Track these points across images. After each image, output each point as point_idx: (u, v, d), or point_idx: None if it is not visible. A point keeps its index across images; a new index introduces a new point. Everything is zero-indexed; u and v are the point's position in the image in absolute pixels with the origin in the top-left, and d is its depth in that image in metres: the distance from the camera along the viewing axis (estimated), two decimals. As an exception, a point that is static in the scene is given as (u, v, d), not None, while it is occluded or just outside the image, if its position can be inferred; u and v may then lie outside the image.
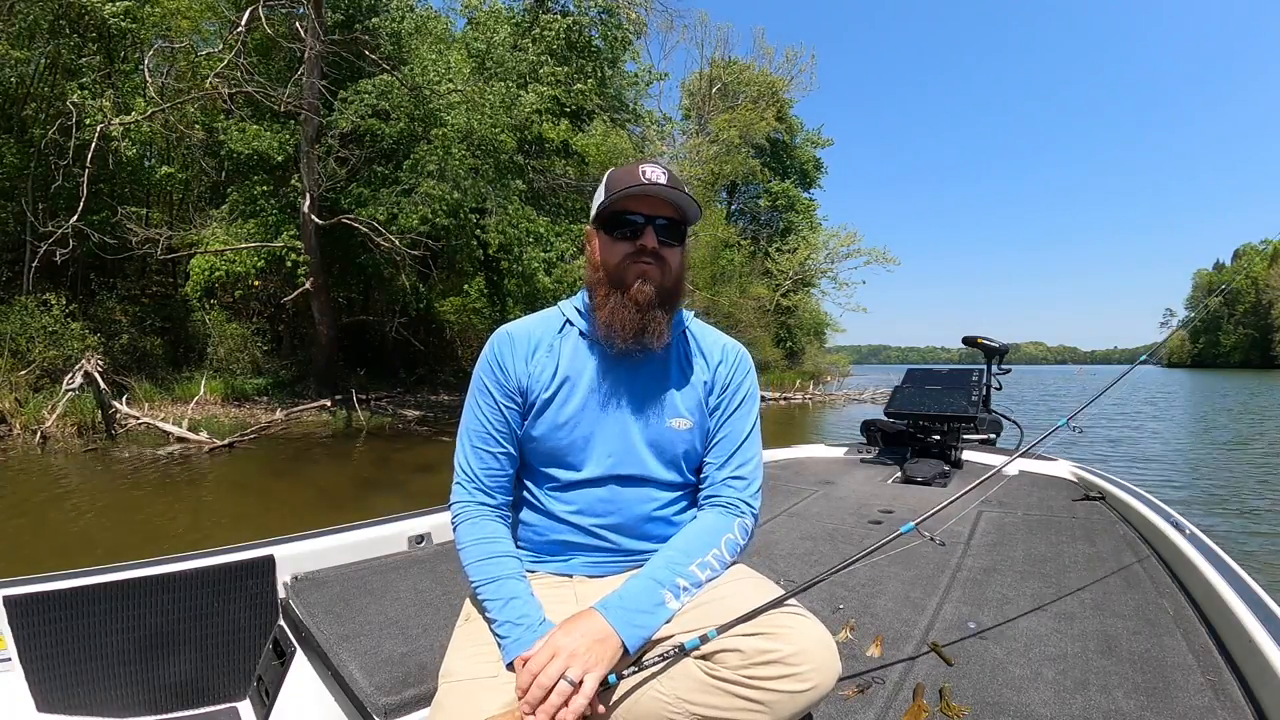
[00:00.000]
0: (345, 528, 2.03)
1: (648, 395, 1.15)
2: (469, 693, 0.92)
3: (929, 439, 3.73)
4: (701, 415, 1.19)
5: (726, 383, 1.22)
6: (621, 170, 1.14)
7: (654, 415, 1.15)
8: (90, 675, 1.52)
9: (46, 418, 9.77)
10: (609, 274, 1.13)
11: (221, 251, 11.70)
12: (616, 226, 1.12)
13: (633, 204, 1.11)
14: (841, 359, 46.33)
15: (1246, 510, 6.51)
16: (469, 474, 1.15)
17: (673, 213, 1.12)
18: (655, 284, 1.11)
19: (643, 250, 1.11)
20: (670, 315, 1.15)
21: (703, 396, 1.20)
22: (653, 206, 1.11)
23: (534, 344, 1.17)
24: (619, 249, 1.12)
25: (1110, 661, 1.36)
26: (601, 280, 1.14)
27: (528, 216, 12.88)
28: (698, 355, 1.22)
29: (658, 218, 1.11)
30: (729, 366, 1.23)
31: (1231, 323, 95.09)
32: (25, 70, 12.44)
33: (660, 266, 1.12)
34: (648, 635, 0.97)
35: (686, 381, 1.19)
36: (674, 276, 1.14)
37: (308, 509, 6.55)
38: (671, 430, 1.15)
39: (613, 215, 1.12)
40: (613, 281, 1.12)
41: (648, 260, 1.11)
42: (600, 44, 15.96)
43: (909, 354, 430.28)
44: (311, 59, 11.54)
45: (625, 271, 1.11)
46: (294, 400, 13.01)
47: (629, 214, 1.11)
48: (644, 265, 1.11)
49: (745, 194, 36.04)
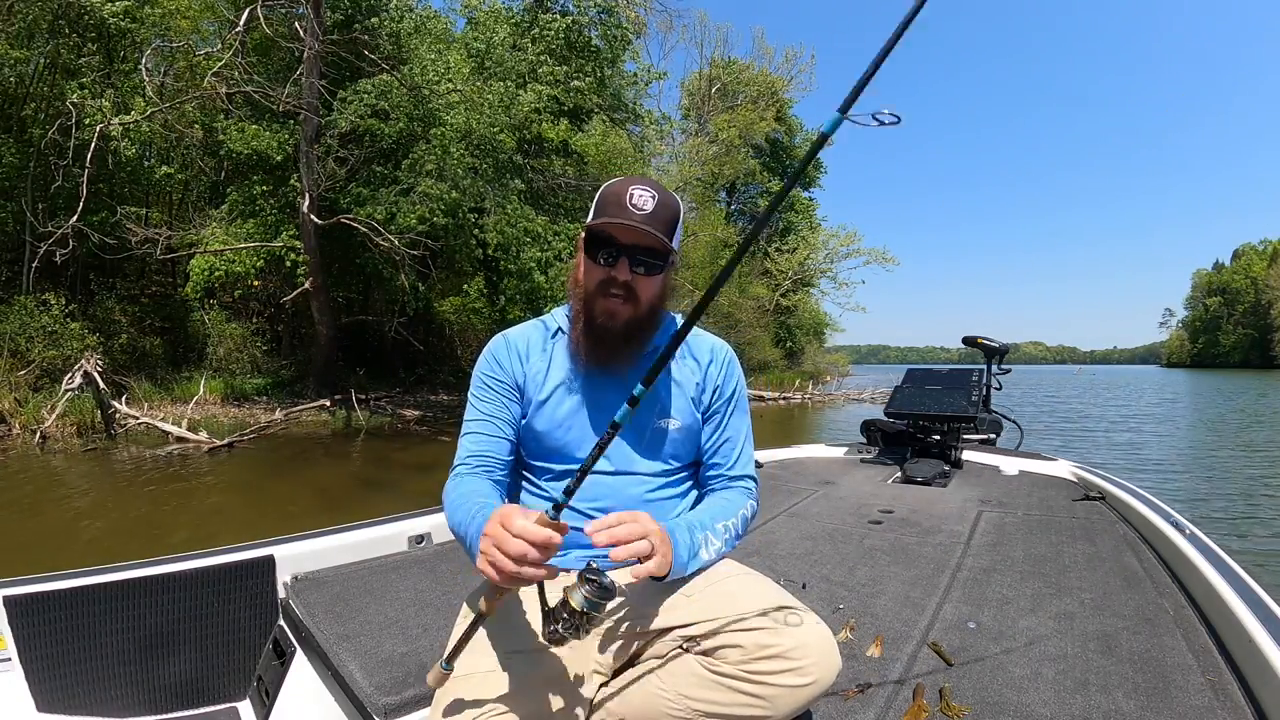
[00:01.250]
0: (345, 528, 2.03)
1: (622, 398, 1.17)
2: (469, 689, 0.93)
3: (929, 439, 3.73)
4: (691, 415, 1.21)
5: (719, 384, 1.24)
6: (612, 188, 1.12)
7: (643, 416, 1.17)
8: (90, 675, 1.52)
9: (46, 418, 9.76)
10: (584, 295, 1.14)
11: (221, 251, 11.70)
12: (596, 248, 1.11)
13: (612, 231, 1.09)
14: (841, 359, 46.34)
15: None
16: (465, 457, 1.17)
17: (654, 243, 1.09)
18: (622, 320, 1.12)
19: (613, 281, 1.10)
20: (640, 345, 1.16)
21: (694, 396, 1.22)
22: (632, 236, 1.09)
23: (529, 348, 1.21)
24: (595, 273, 1.12)
25: (1110, 661, 1.36)
26: (578, 296, 1.16)
27: (526, 216, 12.88)
28: (687, 356, 1.24)
29: (636, 247, 1.09)
30: (719, 367, 1.25)
31: (1231, 323, 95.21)
32: (24, 70, 12.42)
33: (630, 301, 1.11)
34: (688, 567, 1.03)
35: (676, 382, 1.21)
36: (646, 307, 1.14)
37: (307, 509, 6.55)
38: (660, 429, 1.18)
39: (592, 236, 1.11)
40: (585, 303, 1.14)
41: (617, 292, 1.10)
42: (600, 44, 15.95)
43: (908, 354, 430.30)
44: (310, 59, 11.53)
45: (595, 301, 1.12)
46: (293, 400, 13.01)
47: (607, 241, 1.10)
48: (613, 302, 1.11)
49: (745, 194, 36.03)
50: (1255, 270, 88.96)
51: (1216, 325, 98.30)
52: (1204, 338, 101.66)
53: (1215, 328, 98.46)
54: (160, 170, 12.94)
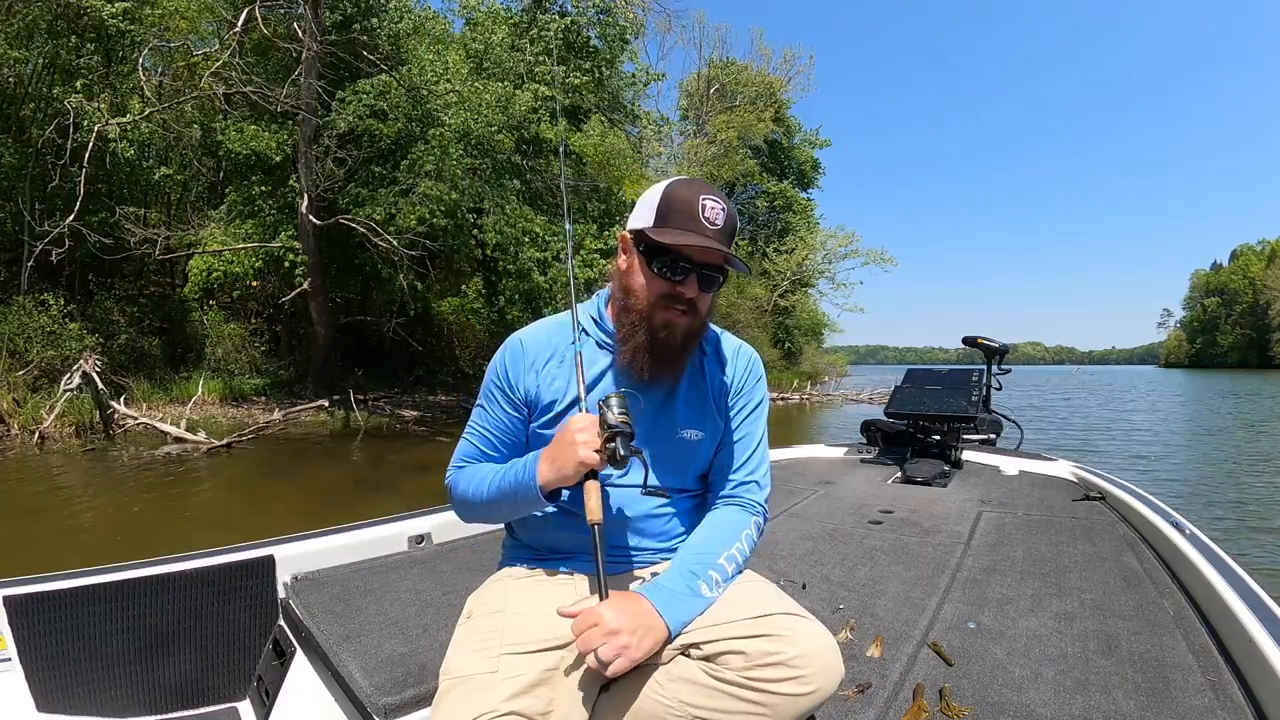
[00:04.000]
0: (345, 528, 2.03)
1: (660, 409, 1.14)
2: (469, 689, 0.92)
3: (929, 439, 3.74)
4: (713, 424, 1.17)
5: (741, 386, 1.21)
6: (681, 194, 1.04)
7: (665, 428, 1.14)
8: (90, 675, 1.52)
9: (45, 418, 9.75)
10: (638, 306, 1.07)
11: (220, 252, 11.69)
12: (659, 260, 1.04)
13: (687, 248, 1.02)
14: (839, 359, 46.28)
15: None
16: (463, 458, 1.19)
17: (722, 262, 1.05)
18: (680, 332, 1.07)
19: (679, 297, 1.05)
20: (690, 355, 1.13)
21: (717, 402, 1.19)
22: (707, 256, 1.03)
23: (547, 353, 1.15)
24: (656, 285, 1.05)
25: (1110, 661, 1.36)
26: (629, 308, 1.09)
27: (525, 216, 12.88)
28: (712, 359, 1.21)
29: (706, 266, 1.04)
30: (744, 369, 1.22)
31: (1229, 323, 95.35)
32: (23, 70, 12.42)
33: (691, 314, 1.07)
34: (687, 623, 0.98)
35: (700, 389, 1.18)
36: (702, 320, 1.11)
37: (306, 509, 6.54)
38: (682, 441, 1.15)
39: (659, 247, 1.03)
40: (640, 315, 1.07)
41: (681, 308, 1.05)
42: (598, 44, 15.96)
43: (907, 354, 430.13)
44: (309, 59, 11.53)
45: (654, 311, 1.06)
46: (292, 400, 13.00)
47: (678, 257, 1.03)
48: (675, 315, 1.05)
49: (743, 194, 36.03)
50: (1253, 271, 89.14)
51: (1214, 326, 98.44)
52: (1202, 338, 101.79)
53: (1213, 328, 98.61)
54: (159, 171, 12.93)
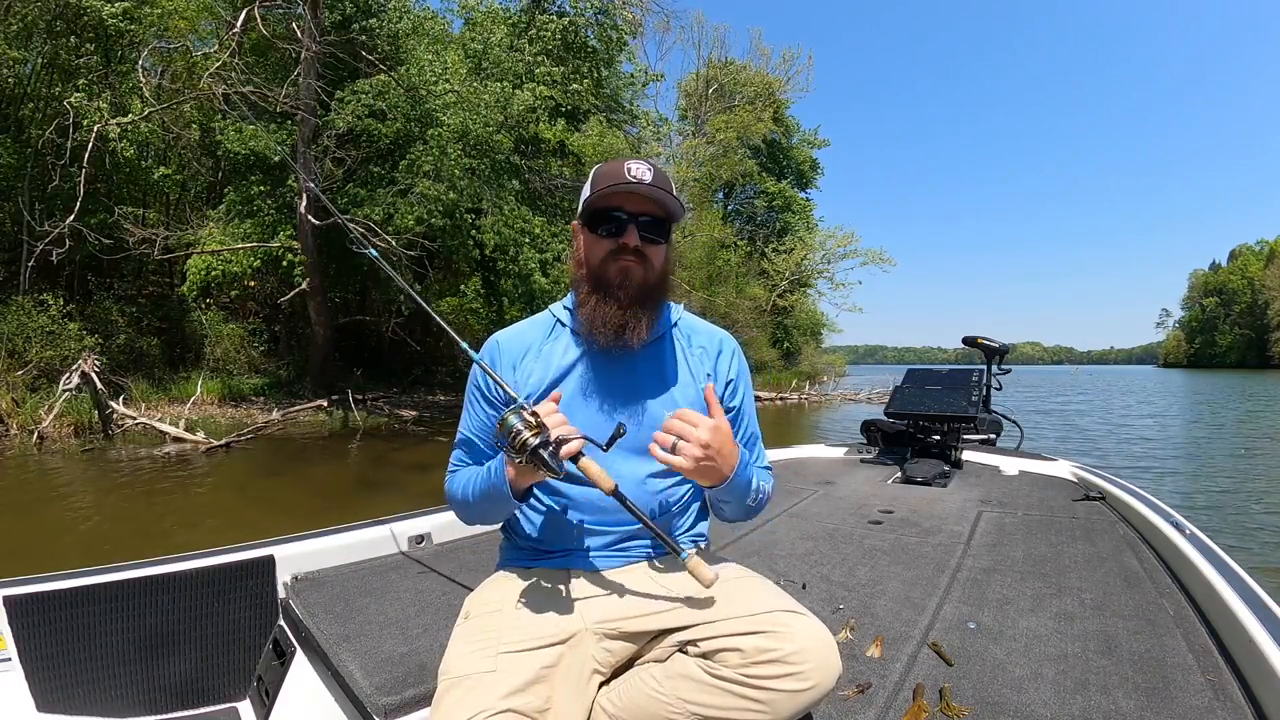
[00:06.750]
0: (345, 528, 2.02)
1: (642, 390, 1.16)
2: (468, 689, 0.92)
3: (929, 439, 3.74)
4: (701, 407, 1.17)
5: (730, 375, 1.24)
6: (607, 166, 1.13)
7: (649, 409, 1.15)
8: (90, 675, 1.52)
9: (43, 418, 9.73)
10: (591, 271, 1.14)
11: (218, 252, 11.68)
12: (600, 223, 1.12)
13: (616, 200, 1.10)
14: (838, 359, 46.30)
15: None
16: (457, 462, 1.24)
17: (656, 210, 1.12)
18: (638, 281, 1.12)
19: (624, 248, 1.11)
20: (653, 313, 1.16)
21: (695, 375, 1.21)
22: (636, 204, 1.11)
23: (523, 350, 1.19)
24: (602, 246, 1.13)
25: (1110, 661, 1.36)
26: (585, 277, 1.15)
27: (524, 217, 12.87)
28: (696, 347, 1.23)
29: (641, 215, 1.11)
30: (729, 356, 1.25)
31: (1228, 323, 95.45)
32: (22, 70, 12.40)
33: (643, 264, 1.12)
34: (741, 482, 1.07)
35: (684, 374, 1.20)
36: (657, 274, 1.15)
37: (305, 509, 6.53)
38: (661, 413, 1.14)
39: (596, 212, 1.12)
40: (595, 278, 1.13)
41: (630, 258, 1.11)
42: (596, 44, 15.95)
43: (905, 354, 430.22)
44: (308, 59, 11.52)
45: (607, 268, 1.12)
46: (291, 400, 12.99)
47: (612, 211, 1.11)
48: (626, 262, 1.11)
49: (742, 194, 36.05)
50: (1252, 271, 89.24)
51: (1213, 325, 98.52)
52: (1200, 338, 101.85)
53: (1212, 328, 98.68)
54: (158, 171, 12.92)
